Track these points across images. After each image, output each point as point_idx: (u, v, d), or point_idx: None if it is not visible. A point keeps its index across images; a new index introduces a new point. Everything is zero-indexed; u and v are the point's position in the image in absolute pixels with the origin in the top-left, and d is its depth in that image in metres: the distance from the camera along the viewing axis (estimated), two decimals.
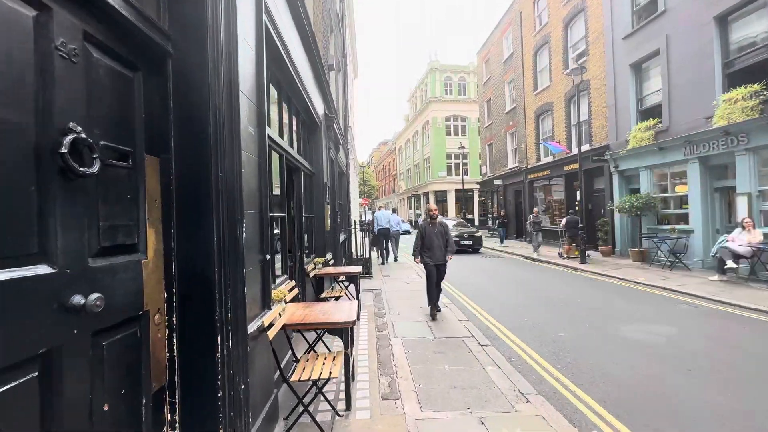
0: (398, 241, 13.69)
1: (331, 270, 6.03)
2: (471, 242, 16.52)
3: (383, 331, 5.22)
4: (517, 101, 21.06)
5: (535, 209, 15.79)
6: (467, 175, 36.28)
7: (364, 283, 9.00)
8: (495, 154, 24.66)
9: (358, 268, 6.15)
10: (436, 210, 6.23)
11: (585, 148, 14.95)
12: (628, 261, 12.01)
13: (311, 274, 5.21)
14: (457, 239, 15.12)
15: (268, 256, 2.78)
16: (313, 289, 5.38)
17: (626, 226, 12.99)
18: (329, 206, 6.98)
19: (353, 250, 13.65)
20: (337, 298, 5.45)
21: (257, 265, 2.63)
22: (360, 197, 38.75)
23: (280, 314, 2.92)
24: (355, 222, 12.66)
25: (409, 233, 31.93)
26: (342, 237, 11.20)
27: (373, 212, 15.42)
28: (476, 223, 34.18)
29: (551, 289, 8.52)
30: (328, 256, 6.67)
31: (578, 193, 13.45)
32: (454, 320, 5.75)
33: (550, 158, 17.73)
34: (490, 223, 26.89)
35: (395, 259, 13.41)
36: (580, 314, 6.35)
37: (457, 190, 36.46)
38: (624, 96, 12.83)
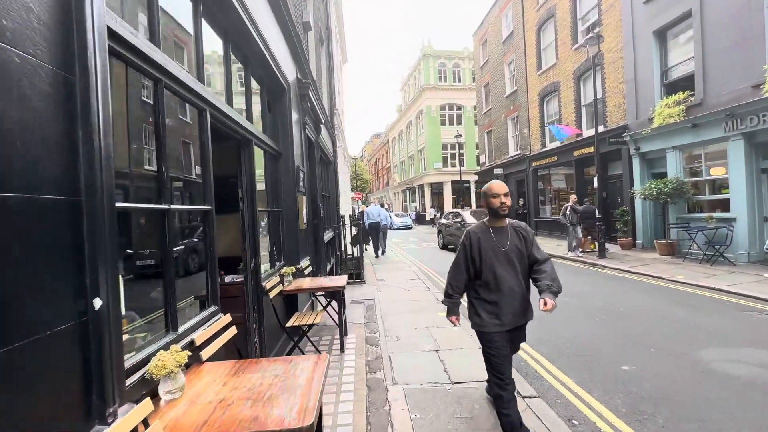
0: (386, 235, 14.05)
1: (305, 283, 4.46)
2: None
3: (376, 373, 3.68)
4: (518, 83, 19.50)
5: (573, 196, 12.48)
6: (464, 165, 34.72)
7: (354, 291, 7.47)
8: (494, 142, 23.14)
9: (342, 280, 4.57)
10: (507, 198, 2.57)
11: (599, 129, 13.47)
12: (654, 254, 10.60)
13: (273, 293, 3.64)
14: None
15: (98, 302, 1.20)
16: (276, 316, 3.80)
17: (649, 215, 11.57)
18: (305, 198, 5.41)
19: (344, 248, 12.12)
20: (310, 327, 3.89)
21: (53, 333, 1.06)
22: (353, 191, 37.15)
23: (146, 423, 1.34)
24: (343, 217, 11.10)
25: (410, 227, 30.27)
26: (328, 235, 9.65)
27: (362, 205, 16.44)
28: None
29: (580, 293, 7.03)
30: (304, 262, 5.10)
31: (595, 179, 11.98)
32: (474, 348, 4.22)
33: (557, 143, 16.24)
34: None
35: (383, 252, 13.60)
36: (632, 331, 4.87)
37: (453, 182, 34.94)
38: (646, 68, 11.32)
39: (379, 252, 13.28)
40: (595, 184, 12.00)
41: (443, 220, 15.97)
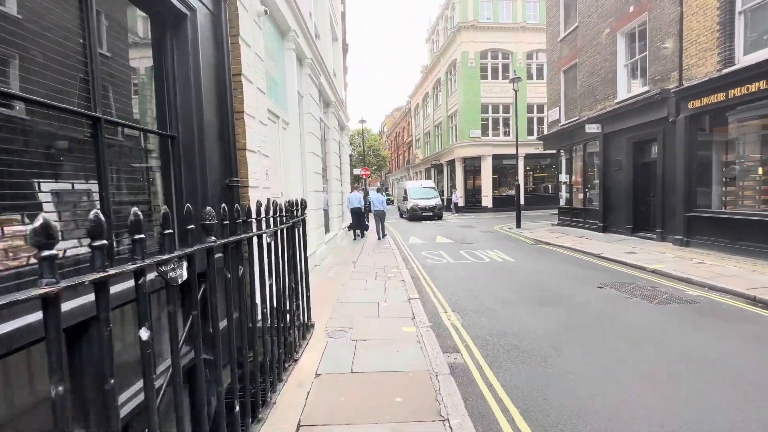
0: (384, 219, 13.38)
1: None
2: None
3: None
4: None
5: None
6: (509, 135, 25.62)
7: None
8: (582, 83, 14.08)
9: None
10: None
11: None
12: None
13: None
14: None
15: None
16: None
17: None
18: None
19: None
20: None
21: None
22: (355, 166, 28.76)
23: None
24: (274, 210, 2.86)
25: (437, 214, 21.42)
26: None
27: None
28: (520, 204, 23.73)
29: None
30: None
31: None
32: None
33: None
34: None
35: (383, 235, 13.03)
36: None
37: (495, 156, 25.89)
38: None
39: (366, 232, 13.69)
40: None
41: None
